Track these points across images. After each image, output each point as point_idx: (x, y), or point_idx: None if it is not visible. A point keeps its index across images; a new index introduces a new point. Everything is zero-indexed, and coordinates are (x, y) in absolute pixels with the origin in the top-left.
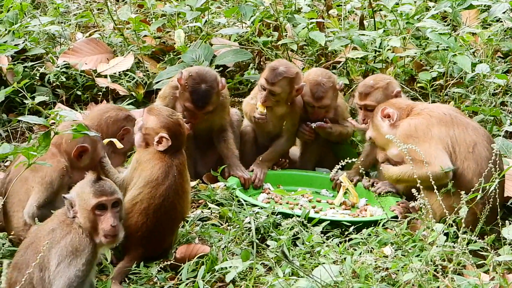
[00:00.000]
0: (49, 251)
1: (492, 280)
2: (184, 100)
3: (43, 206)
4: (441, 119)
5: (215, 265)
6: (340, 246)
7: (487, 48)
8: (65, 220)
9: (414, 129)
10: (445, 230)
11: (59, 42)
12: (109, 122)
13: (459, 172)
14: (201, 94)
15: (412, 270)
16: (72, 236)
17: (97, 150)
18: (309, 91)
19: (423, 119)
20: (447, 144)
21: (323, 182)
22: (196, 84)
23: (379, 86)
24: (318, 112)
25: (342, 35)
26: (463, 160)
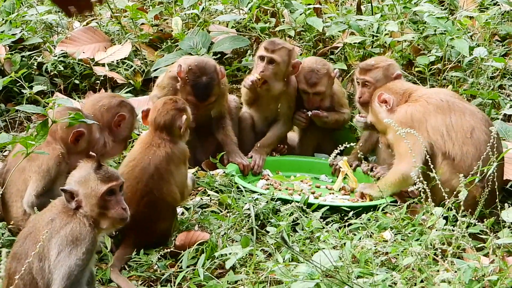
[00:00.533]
0: (48, 241)
1: (492, 263)
2: (185, 94)
3: (42, 195)
4: (438, 106)
5: (215, 252)
6: (339, 231)
7: (484, 32)
8: (64, 210)
9: (410, 117)
10: (444, 213)
11: (56, 31)
12: (103, 110)
13: (458, 158)
14: (202, 88)
15: (411, 254)
16: (72, 225)
17: (93, 133)
18: (303, 78)
19: (420, 107)
20: (441, 134)
21: (322, 167)
22: (197, 78)
23: (380, 65)
24: (313, 99)
25: (339, 20)
26: (461, 145)
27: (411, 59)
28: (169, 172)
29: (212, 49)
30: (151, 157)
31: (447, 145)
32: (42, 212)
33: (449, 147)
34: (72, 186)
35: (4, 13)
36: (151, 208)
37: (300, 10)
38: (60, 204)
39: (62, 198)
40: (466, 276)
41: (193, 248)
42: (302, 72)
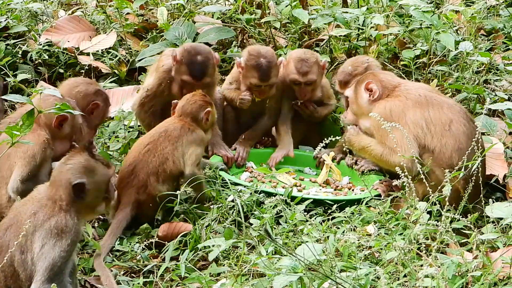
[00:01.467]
0: (32, 234)
1: (475, 258)
2: (181, 74)
3: (27, 180)
4: (417, 101)
5: (198, 244)
6: (323, 225)
7: (470, 26)
8: (47, 202)
9: (389, 112)
10: (428, 208)
11: (41, 19)
12: (79, 96)
13: (437, 150)
14: (198, 65)
15: (395, 249)
16: (57, 218)
17: (76, 117)
18: (294, 68)
19: (399, 102)
20: (421, 127)
21: (306, 160)
22: (193, 56)
23: (357, 72)
24: (305, 90)
25: (325, 12)
26: (439, 138)
27: (397, 53)
28: (181, 141)
29: (197, 39)
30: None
31: (427, 138)
32: (23, 203)
33: (428, 140)
34: (78, 178)
35: None
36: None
37: (286, 2)
38: (42, 195)
39: (43, 188)
40: (449, 272)
41: (176, 240)
42: (291, 62)
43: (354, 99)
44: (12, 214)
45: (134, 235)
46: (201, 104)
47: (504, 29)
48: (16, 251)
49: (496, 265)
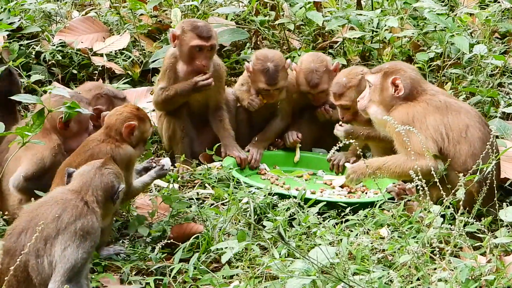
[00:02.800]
0: (54, 238)
1: (489, 262)
2: (190, 40)
3: (30, 179)
4: (437, 107)
5: (211, 246)
6: (336, 227)
7: (484, 29)
8: (76, 204)
9: (411, 119)
10: (442, 212)
11: (55, 20)
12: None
13: (451, 155)
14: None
15: (408, 252)
16: (84, 220)
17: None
18: (304, 80)
19: (421, 108)
20: (440, 133)
21: (320, 163)
22: (196, 22)
23: (351, 85)
24: (318, 97)
25: (339, 15)
26: (455, 144)
27: (411, 55)
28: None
29: None
30: (97, 150)
31: (444, 144)
32: (39, 205)
33: (445, 146)
34: (120, 183)
35: (2, 1)
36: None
37: (300, 4)
38: (69, 197)
39: (63, 190)
40: (463, 275)
41: (188, 242)
42: (302, 73)
43: (379, 89)
44: (27, 217)
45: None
46: (127, 116)
47: None
48: (31, 256)
49: (509, 269)
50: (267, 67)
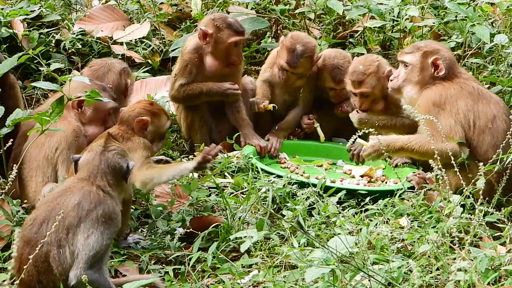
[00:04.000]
0: (76, 227)
1: (508, 252)
2: (228, 37)
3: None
4: (470, 93)
5: (230, 235)
6: (356, 217)
7: (505, 19)
8: (90, 189)
9: (443, 101)
10: (461, 201)
11: (75, 8)
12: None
13: (474, 144)
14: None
15: (428, 242)
16: (104, 206)
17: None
18: (329, 76)
19: (454, 91)
20: (468, 119)
21: (340, 152)
22: (228, 19)
23: (370, 71)
24: (340, 94)
25: (360, 4)
26: (480, 133)
27: None
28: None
29: None
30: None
31: (470, 131)
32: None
33: (470, 133)
34: (127, 161)
35: None
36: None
37: None
38: (82, 184)
39: (76, 178)
40: (482, 265)
41: (207, 231)
42: (325, 69)
43: (418, 68)
44: (47, 207)
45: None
46: (140, 112)
47: None
48: (52, 246)
49: None
50: (294, 48)
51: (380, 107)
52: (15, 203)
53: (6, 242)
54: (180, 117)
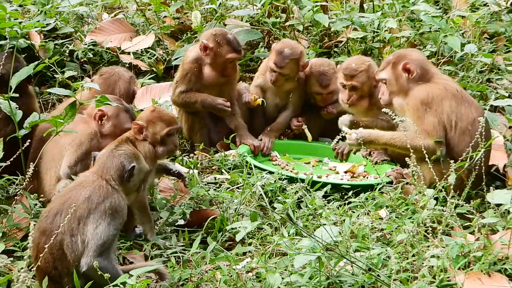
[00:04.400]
0: (86, 218)
1: (477, 240)
2: (226, 54)
3: (74, 166)
4: (454, 95)
5: (226, 226)
6: (339, 209)
7: (475, 30)
8: (100, 184)
9: (431, 98)
10: (435, 195)
11: (86, 21)
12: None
13: (454, 143)
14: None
15: (405, 231)
16: (111, 200)
17: (119, 118)
18: (316, 82)
19: (439, 90)
20: (450, 120)
21: (325, 151)
22: (227, 34)
23: (362, 69)
24: (326, 97)
25: (344, 17)
26: (461, 134)
27: None
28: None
29: None
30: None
31: (451, 131)
32: (70, 189)
33: (451, 134)
34: (131, 163)
35: (39, 4)
36: None
37: (308, 7)
38: (93, 179)
39: (88, 174)
40: (453, 252)
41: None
42: (312, 76)
43: (393, 80)
44: (60, 200)
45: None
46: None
47: (505, 33)
48: (66, 235)
49: (495, 246)
50: (282, 50)
51: (365, 104)
52: (32, 197)
53: (24, 232)
54: (181, 119)
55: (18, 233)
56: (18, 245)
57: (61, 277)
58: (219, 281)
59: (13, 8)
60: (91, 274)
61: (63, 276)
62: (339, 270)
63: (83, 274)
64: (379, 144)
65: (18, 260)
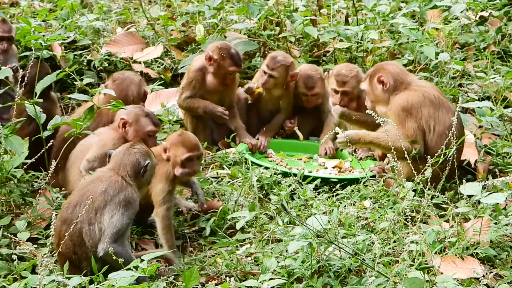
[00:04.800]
0: (103, 208)
1: (451, 227)
2: (228, 66)
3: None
4: (432, 101)
5: (227, 215)
6: (328, 200)
7: (447, 41)
8: (116, 179)
9: (410, 105)
10: (413, 187)
11: (102, 34)
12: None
13: (433, 144)
14: (238, 54)
15: (387, 220)
16: (125, 193)
17: (140, 123)
18: (303, 84)
19: (418, 98)
20: (429, 125)
21: (315, 148)
22: (231, 49)
23: (352, 75)
24: (311, 99)
25: (331, 29)
26: (438, 137)
27: None
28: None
29: None
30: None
31: (429, 135)
32: (88, 182)
33: (430, 137)
34: (145, 160)
35: (60, 19)
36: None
37: (299, 21)
38: (110, 175)
39: (105, 170)
40: (430, 238)
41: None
42: (301, 78)
43: (371, 91)
44: (80, 193)
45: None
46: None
47: (475, 43)
48: (84, 223)
49: (468, 233)
50: (275, 56)
51: (354, 106)
52: (55, 191)
53: (47, 222)
54: (187, 121)
55: (42, 223)
56: (41, 234)
57: (80, 261)
58: (221, 265)
59: (37, 23)
60: (107, 259)
61: (82, 260)
62: (328, 254)
63: (100, 258)
64: (365, 142)
65: (42, 247)
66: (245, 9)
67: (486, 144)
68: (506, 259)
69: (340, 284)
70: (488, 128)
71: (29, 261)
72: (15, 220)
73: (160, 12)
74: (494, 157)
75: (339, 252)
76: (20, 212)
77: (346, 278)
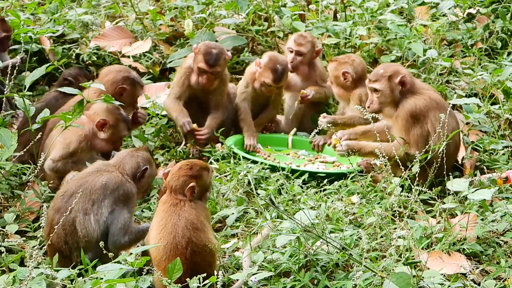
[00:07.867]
0: (101, 201)
1: (438, 223)
2: (197, 63)
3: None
4: (439, 104)
5: (216, 210)
6: (316, 195)
7: (435, 37)
8: (117, 174)
9: (419, 110)
10: (401, 183)
11: (91, 28)
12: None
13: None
14: (213, 55)
15: (374, 215)
16: (124, 187)
17: (119, 127)
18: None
19: (425, 102)
20: (435, 128)
21: (303, 143)
22: (209, 48)
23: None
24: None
25: (319, 25)
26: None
27: (376, 58)
28: (201, 221)
29: None
30: (180, 211)
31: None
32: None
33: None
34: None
35: (49, 13)
36: (197, 255)
37: (288, 16)
38: (111, 170)
39: (107, 163)
40: (417, 234)
41: None
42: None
43: (388, 91)
44: (77, 183)
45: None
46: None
47: (462, 40)
48: (79, 213)
49: (455, 229)
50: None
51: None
52: (43, 184)
53: (36, 215)
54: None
55: (30, 216)
56: (30, 226)
57: (71, 251)
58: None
59: (25, 16)
60: (123, 250)
61: (73, 250)
62: (316, 249)
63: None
64: (365, 153)
65: (30, 239)
66: (233, 4)
67: (473, 140)
68: (492, 255)
69: (327, 278)
70: (475, 125)
71: (17, 254)
72: (3, 213)
73: (149, 7)
74: (481, 153)
75: (327, 247)
76: (8, 205)
77: (334, 272)
